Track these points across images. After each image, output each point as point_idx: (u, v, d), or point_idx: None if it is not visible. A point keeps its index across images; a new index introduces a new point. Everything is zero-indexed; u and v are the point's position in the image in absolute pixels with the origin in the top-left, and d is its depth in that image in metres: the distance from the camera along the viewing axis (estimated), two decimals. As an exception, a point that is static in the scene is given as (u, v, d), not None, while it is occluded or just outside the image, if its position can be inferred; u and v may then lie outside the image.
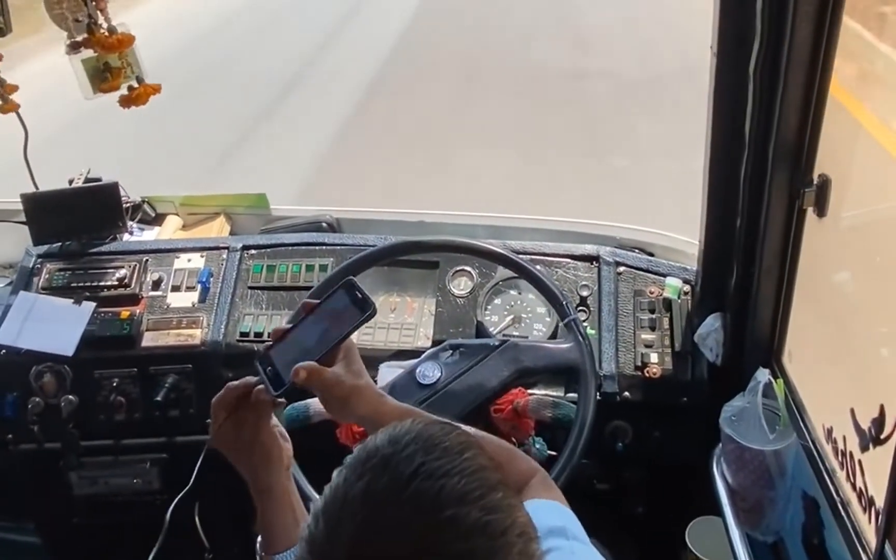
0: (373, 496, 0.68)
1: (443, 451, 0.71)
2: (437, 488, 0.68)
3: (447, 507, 0.67)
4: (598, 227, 1.96)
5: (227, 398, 1.04)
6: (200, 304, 1.80)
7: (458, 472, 0.69)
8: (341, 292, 1.08)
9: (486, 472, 0.72)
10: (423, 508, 0.67)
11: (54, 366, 1.72)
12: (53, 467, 1.78)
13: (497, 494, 0.70)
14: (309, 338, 1.05)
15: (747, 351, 1.47)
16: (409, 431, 0.73)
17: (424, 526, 0.66)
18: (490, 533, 0.67)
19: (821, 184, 1.20)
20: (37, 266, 1.87)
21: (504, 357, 1.47)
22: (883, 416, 0.98)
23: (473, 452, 0.72)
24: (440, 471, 0.69)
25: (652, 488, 1.75)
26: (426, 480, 0.68)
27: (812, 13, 1.12)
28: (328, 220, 2.08)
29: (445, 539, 0.66)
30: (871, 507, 1.03)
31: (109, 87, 1.71)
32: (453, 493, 0.68)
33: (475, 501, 0.68)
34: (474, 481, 0.69)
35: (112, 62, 1.69)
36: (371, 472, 0.69)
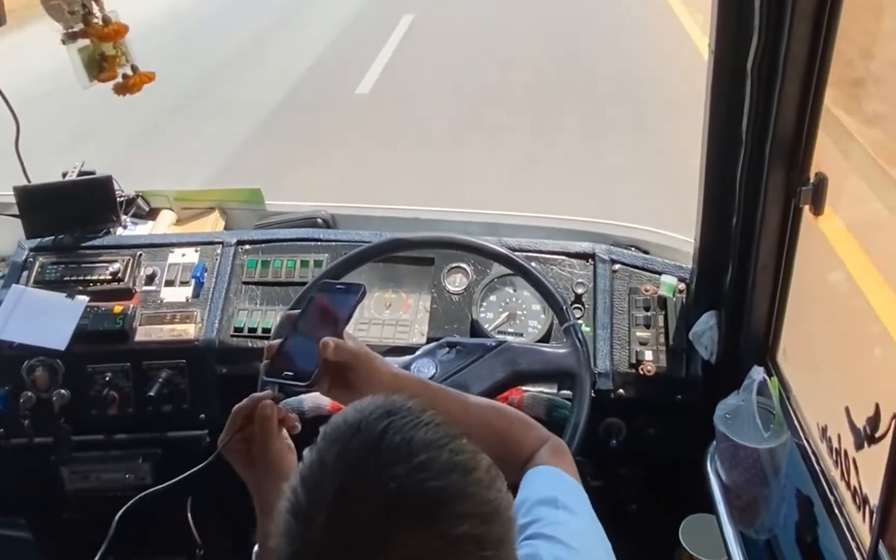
0: (348, 457, 0.72)
1: (407, 411, 0.76)
2: (408, 439, 0.72)
3: (420, 453, 0.71)
4: (594, 225, 1.96)
5: (248, 408, 1.03)
6: (194, 299, 1.80)
7: (424, 424, 0.74)
8: (320, 294, 1.11)
9: (448, 425, 0.77)
10: (398, 458, 0.71)
11: (46, 360, 1.71)
12: (45, 462, 1.77)
13: (461, 440, 0.76)
14: (308, 338, 1.05)
15: (742, 349, 1.47)
16: (373, 401, 0.78)
17: (400, 472, 0.70)
18: (461, 470, 0.72)
19: (817, 182, 1.20)
20: (29, 259, 1.86)
21: (500, 358, 1.46)
22: (878, 415, 0.98)
23: (433, 412, 0.77)
24: (408, 425, 0.73)
25: (646, 486, 1.75)
26: (396, 434, 0.72)
27: (810, 12, 1.12)
28: (323, 216, 2.08)
29: (421, 478, 0.70)
30: (865, 505, 1.04)
31: (107, 77, 1.72)
32: (423, 440, 0.73)
33: (444, 446, 0.73)
34: (440, 431, 0.74)
35: (107, 51, 1.70)
36: (343, 438, 0.74)
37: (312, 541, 0.69)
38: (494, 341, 1.51)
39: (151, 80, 1.77)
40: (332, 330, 1.04)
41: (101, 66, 1.70)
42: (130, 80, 1.73)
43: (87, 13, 1.64)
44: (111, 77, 1.73)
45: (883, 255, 1.19)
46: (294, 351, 1.05)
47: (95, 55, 1.70)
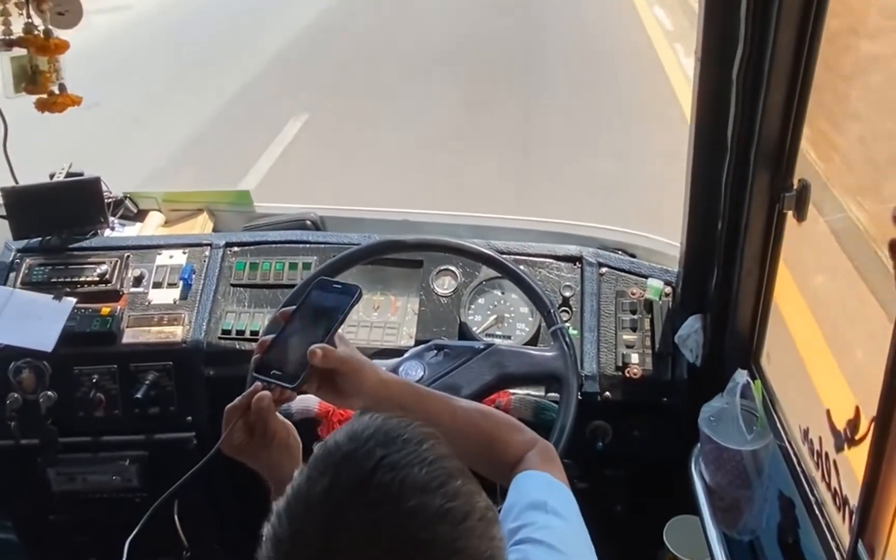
0: (336, 492, 0.69)
1: (403, 443, 0.72)
2: (400, 479, 0.69)
3: (410, 498, 0.68)
4: (581, 228, 1.98)
5: (241, 404, 1.03)
6: (182, 301, 1.79)
7: (419, 462, 0.71)
8: (317, 291, 1.09)
9: (445, 461, 0.74)
10: (386, 500, 0.68)
11: (33, 361, 1.70)
12: (31, 464, 1.76)
13: (457, 482, 0.72)
14: (300, 337, 1.04)
15: (726, 352, 1.49)
16: (369, 427, 0.74)
17: (388, 517, 0.68)
18: (451, 519, 0.69)
19: (800, 189, 1.22)
20: (16, 261, 1.85)
21: (488, 361, 1.47)
22: (858, 418, 1.00)
23: (432, 443, 0.74)
24: (401, 462, 0.70)
25: (631, 487, 1.76)
26: (388, 472, 0.70)
27: (795, 20, 1.13)
28: (312, 218, 2.08)
29: (409, 528, 0.68)
30: (844, 506, 1.05)
31: (35, 90, 1.68)
32: (416, 483, 0.70)
33: (436, 490, 0.70)
34: (435, 470, 0.71)
35: (41, 66, 1.67)
36: (333, 468, 0.71)
37: None
38: (482, 344, 1.52)
39: (77, 103, 1.73)
40: (324, 331, 1.03)
41: (32, 78, 1.67)
42: (56, 99, 1.70)
43: (30, 24, 1.61)
44: (40, 91, 1.69)
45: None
46: (285, 349, 1.04)
47: (28, 68, 1.67)
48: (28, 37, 1.63)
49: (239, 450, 1.03)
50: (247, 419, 1.02)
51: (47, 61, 1.68)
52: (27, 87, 1.68)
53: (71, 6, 1.74)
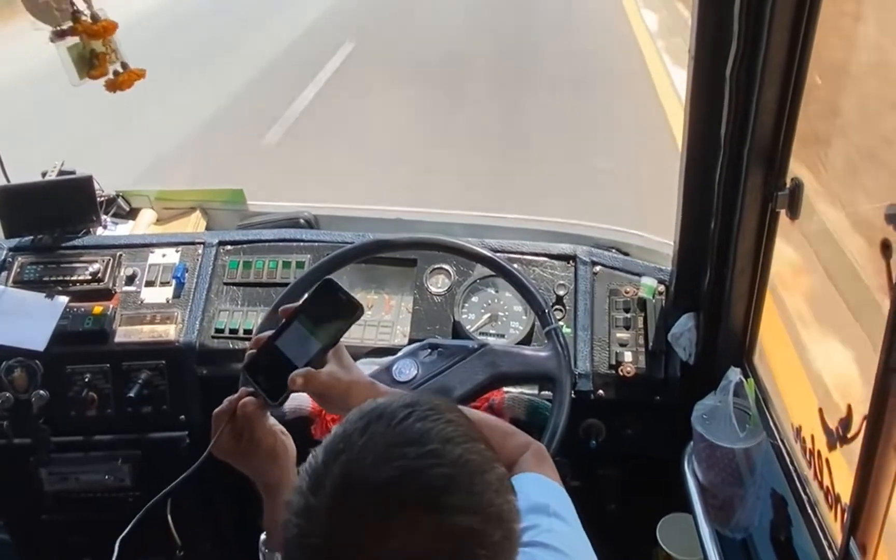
0: (368, 431, 0.74)
1: (433, 407, 0.78)
2: (426, 428, 0.74)
3: (433, 442, 0.73)
4: (575, 227, 1.98)
5: (228, 409, 1.04)
6: (175, 300, 1.79)
7: (446, 421, 0.76)
8: (321, 294, 1.07)
9: (471, 429, 0.78)
10: (410, 439, 0.73)
11: (25, 360, 1.69)
12: (23, 463, 1.75)
13: (479, 444, 0.77)
14: (295, 344, 1.04)
15: (719, 350, 1.49)
16: (404, 395, 0.81)
17: (411, 453, 0.72)
18: (470, 469, 0.74)
19: (793, 187, 1.22)
20: (8, 259, 1.84)
21: (482, 361, 1.47)
22: (850, 417, 1.00)
23: (459, 414, 0.80)
24: (430, 417, 0.76)
25: (624, 486, 1.77)
26: (416, 421, 0.75)
27: (788, 20, 1.14)
28: (306, 217, 2.08)
29: (429, 463, 0.72)
30: (837, 504, 1.06)
31: (98, 73, 1.71)
32: (440, 434, 0.74)
33: (459, 443, 0.74)
34: (460, 430, 0.76)
35: (97, 48, 1.69)
36: (368, 415, 0.76)
37: (319, 502, 0.71)
38: (476, 343, 1.52)
39: (142, 76, 1.76)
40: (318, 349, 1.04)
41: (91, 62, 1.69)
42: (121, 77, 1.73)
43: (76, 11, 1.63)
44: (102, 73, 1.71)
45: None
46: (277, 356, 1.04)
47: (85, 53, 1.69)
48: (77, 25, 1.65)
49: (228, 453, 1.04)
50: (234, 424, 1.03)
51: (102, 43, 1.70)
52: (91, 72, 1.71)
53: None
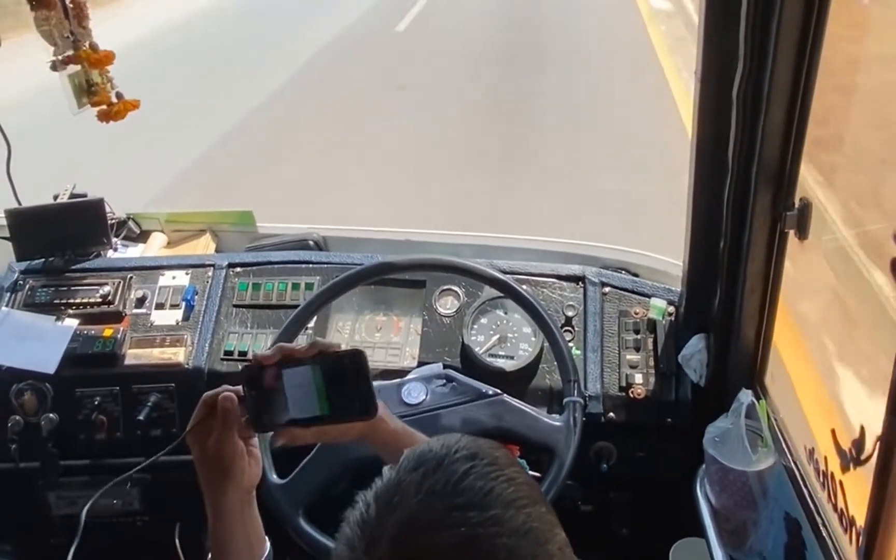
0: (426, 486, 0.71)
1: (493, 459, 0.74)
2: (488, 489, 0.71)
3: (495, 507, 0.70)
4: (584, 248, 1.97)
5: (213, 396, 1.02)
6: (184, 323, 1.79)
7: (507, 479, 0.73)
8: (349, 364, 1.02)
9: (532, 487, 0.75)
10: (472, 503, 0.70)
11: (35, 383, 1.70)
12: (32, 487, 1.75)
13: (542, 508, 0.74)
14: (298, 388, 1.01)
15: (730, 372, 1.48)
16: (461, 440, 0.77)
17: (474, 518, 0.69)
18: (533, 539, 0.70)
19: (802, 207, 1.22)
20: (19, 282, 1.85)
21: (490, 409, 1.44)
22: (863, 438, 0.99)
23: (519, 469, 0.76)
24: (490, 475, 0.72)
25: (636, 509, 1.75)
26: (477, 480, 0.71)
27: (794, 39, 1.14)
28: (315, 238, 2.08)
29: (490, 533, 0.68)
30: (851, 527, 1.04)
31: (98, 101, 1.74)
32: (502, 495, 0.71)
33: (522, 508, 0.71)
34: (522, 491, 0.73)
35: (94, 78, 1.72)
36: (424, 466, 0.73)
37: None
38: (492, 391, 1.48)
39: (136, 107, 1.78)
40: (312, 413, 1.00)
41: (90, 91, 1.72)
42: (115, 107, 1.75)
43: (76, 40, 1.66)
44: (102, 101, 1.74)
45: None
46: (278, 390, 1.02)
47: (84, 82, 1.72)
48: (79, 53, 1.68)
49: (195, 446, 1.03)
50: (209, 419, 1.02)
51: (99, 73, 1.73)
52: (92, 99, 1.74)
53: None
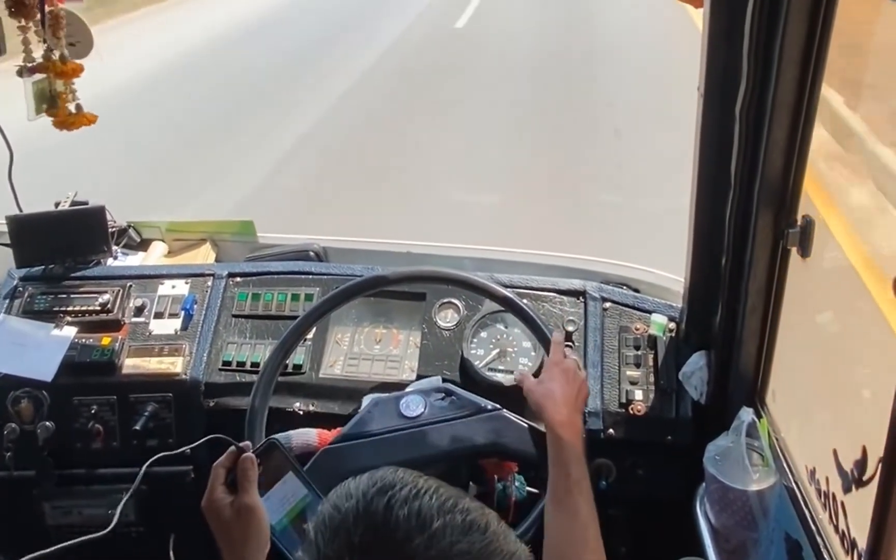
0: (357, 547, 0.68)
1: (401, 482, 0.73)
2: (416, 509, 0.70)
3: (433, 521, 0.69)
4: (585, 262, 1.97)
5: (230, 461, 1.05)
6: (183, 332, 1.79)
7: (425, 491, 0.72)
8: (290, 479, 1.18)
9: (445, 487, 0.75)
10: (412, 532, 0.68)
11: (32, 391, 1.69)
12: (27, 496, 1.74)
13: (465, 500, 0.74)
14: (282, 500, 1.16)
15: (731, 390, 1.47)
16: (360, 484, 0.74)
17: (420, 544, 0.68)
18: (477, 528, 0.71)
19: (804, 225, 1.21)
20: (19, 289, 1.85)
21: (489, 424, 1.43)
22: (865, 458, 0.98)
23: (424, 477, 0.75)
24: (409, 496, 0.71)
25: (635, 527, 1.73)
26: (402, 507, 0.69)
27: (798, 57, 1.14)
28: (315, 249, 2.08)
29: (445, 545, 0.68)
30: (853, 549, 1.03)
31: (55, 113, 1.75)
32: (432, 508, 0.70)
33: (453, 509, 0.71)
34: (442, 495, 0.72)
35: (58, 88, 1.74)
36: (342, 528, 0.70)
37: None
38: (491, 405, 1.46)
39: (93, 122, 1.79)
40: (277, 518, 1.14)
41: (52, 101, 1.73)
42: (72, 118, 1.76)
43: (49, 49, 1.68)
44: (59, 113, 1.75)
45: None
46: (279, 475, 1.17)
47: (48, 91, 1.73)
48: (48, 62, 1.69)
49: (215, 512, 1.05)
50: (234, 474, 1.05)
51: (63, 84, 1.74)
52: (48, 109, 1.74)
53: (82, 37, 1.79)
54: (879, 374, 1.03)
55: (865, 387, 1.13)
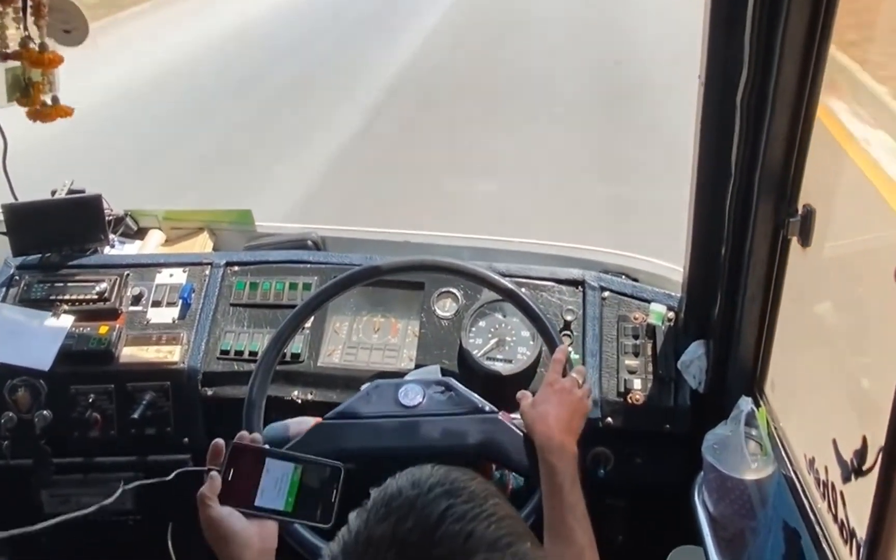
0: (400, 539, 0.66)
1: (469, 495, 0.69)
2: (467, 532, 0.66)
3: (477, 552, 0.65)
4: (584, 252, 1.96)
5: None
6: (181, 321, 1.78)
7: (487, 517, 0.68)
8: (326, 474, 1.15)
9: (513, 520, 0.70)
10: (454, 552, 0.65)
11: (29, 380, 1.69)
12: (24, 485, 1.74)
13: (525, 544, 0.69)
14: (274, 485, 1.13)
15: (730, 379, 1.47)
16: (432, 475, 0.71)
17: None
18: None
19: (805, 214, 1.21)
20: (15, 277, 1.84)
21: (484, 425, 1.39)
22: (865, 448, 0.98)
23: (498, 500, 0.71)
24: (468, 515, 0.67)
25: (633, 516, 1.74)
26: (455, 523, 0.66)
27: (799, 45, 1.13)
28: (313, 238, 2.07)
29: None
30: (852, 539, 1.03)
31: (26, 102, 1.69)
32: (483, 538, 0.66)
33: (505, 548, 0.66)
34: (503, 528, 0.68)
35: (34, 77, 1.68)
36: (396, 513, 0.67)
37: None
38: (488, 407, 1.42)
39: (69, 114, 1.72)
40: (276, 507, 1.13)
41: (25, 90, 1.67)
42: (47, 110, 1.70)
43: (26, 37, 1.62)
44: (32, 102, 1.69)
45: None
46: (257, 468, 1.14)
47: (22, 79, 1.67)
48: (23, 50, 1.64)
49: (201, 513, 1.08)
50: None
51: (41, 73, 1.68)
52: (19, 98, 1.68)
53: (77, 23, 1.75)
54: (880, 364, 1.03)
55: (866, 377, 1.12)
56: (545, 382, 1.40)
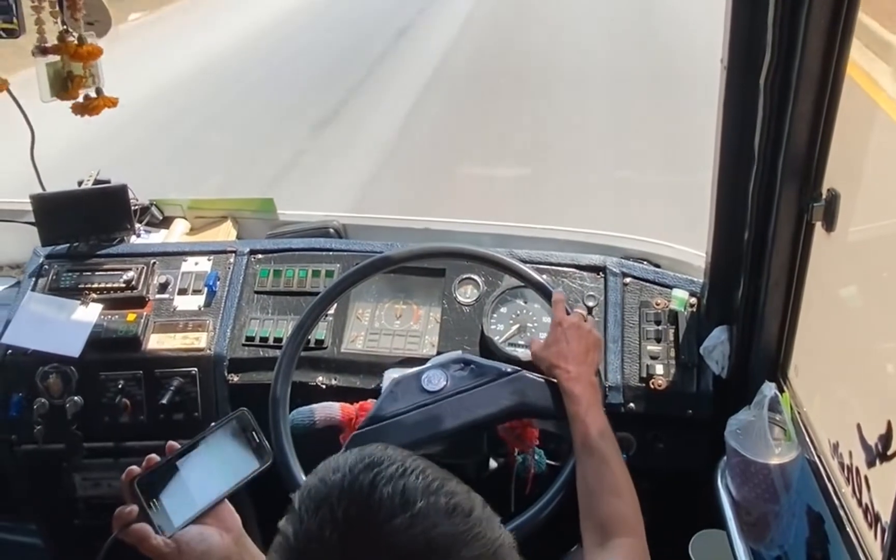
0: (340, 520, 0.68)
1: (390, 460, 0.72)
2: (400, 489, 0.69)
3: (416, 501, 0.69)
4: (605, 238, 1.96)
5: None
6: (206, 308, 1.81)
7: (412, 471, 0.72)
8: (236, 427, 1.11)
9: (434, 467, 0.74)
10: (395, 510, 0.68)
11: (60, 366, 1.72)
12: (57, 468, 1.78)
13: (452, 482, 0.73)
14: (195, 478, 1.08)
15: (753, 364, 1.47)
16: (346, 458, 0.74)
17: (402, 524, 0.68)
18: (461, 512, 0.71)
19: (829, 198, 1.20)
20: (44, 267, 1.88)
21: (511, 386, 1.42)
22: (890, 432, 0.97)
23: (414, 456, 0.75)
24: (395, 474, 0.71)
25: (656, 501, 1.73)
26: (386, 486, 0.69)
27: (824, 28, 1.12)
28: (335, 226, 2.09)
29: (426, 527, 0.68)
30: (877, 523, 1.03)
31: (69, 96, 1.70)
32: (417, 488, 0.70)
33: (438, 490, 0.71)
34: (429, 475, 0.72)
35: (75, 71, 1.69)
36: (327, 501, 0.69)
37: None
38: (510, 368, 1.45)
39: (114, 104, 1.74)
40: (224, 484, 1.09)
41: (65, 84, 1.68)
42: (93, 103, 1.72)
43: (65, 31, 1.64)
44: (72, 97, 1.70)
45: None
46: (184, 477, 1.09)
47: (63, 73, 1.68)
48: (62, 44, 1.66)
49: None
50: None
51: (82, 66, 1.70)
52: (62, 93, 1.70)
53: (101, 16, 1.77)
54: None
55: (890, 362, 1.12)
56: (552, 324, 1.45)
